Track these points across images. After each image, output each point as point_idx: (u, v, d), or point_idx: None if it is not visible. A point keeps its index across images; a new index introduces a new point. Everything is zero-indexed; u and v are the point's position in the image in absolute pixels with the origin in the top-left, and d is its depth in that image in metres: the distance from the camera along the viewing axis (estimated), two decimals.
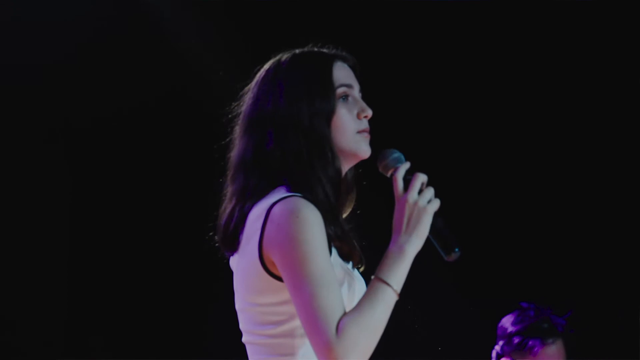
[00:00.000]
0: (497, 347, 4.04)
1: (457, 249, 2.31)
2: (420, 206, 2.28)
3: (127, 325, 5.19)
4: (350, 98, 2.40)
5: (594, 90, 4.97)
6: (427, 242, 2.30)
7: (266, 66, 2.45)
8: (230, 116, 2.48)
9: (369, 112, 2.41)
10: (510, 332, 4.00)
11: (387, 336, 2.28)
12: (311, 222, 2.23)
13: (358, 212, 2.49)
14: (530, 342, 3.96)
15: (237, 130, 2.43)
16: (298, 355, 2.28)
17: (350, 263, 2.38)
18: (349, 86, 2.40)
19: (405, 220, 2.28)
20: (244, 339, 2.39)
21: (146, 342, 5.17)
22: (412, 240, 2.27)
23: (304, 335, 2.27)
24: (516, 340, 3.97)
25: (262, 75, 2.43)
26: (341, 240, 2.32)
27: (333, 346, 2.18)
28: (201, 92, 4.83)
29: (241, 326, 2.39)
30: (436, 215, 2.30)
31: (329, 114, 2.36)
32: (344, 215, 2.48)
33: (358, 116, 2.39)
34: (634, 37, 4.82)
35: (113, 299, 5.17)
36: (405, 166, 2.34)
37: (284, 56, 2.44)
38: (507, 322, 4.04)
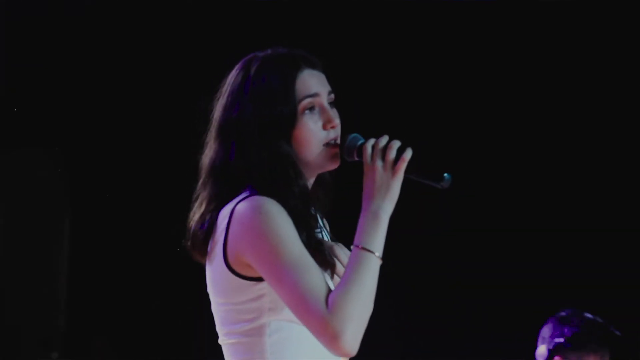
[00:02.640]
0: (546, 346, 4.07)
1: (446, 175, 2.30)
2: (388, 172, 2.29)
3: (128, 326, 5.19)
4: (316, 108, 2.38)
5: (594, 90, 4.97)
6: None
7: (237, 68, 2.43)
8: (206, 109, 2.45)
9: (335, 122, 2.38)
10: (570, 331, 4.04)
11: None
12: (275, 214, 2.25)
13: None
14: (591, 342, 4.02)
15: (210, 133, 2.43)
16: (268, 352, 2.30)
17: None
18: (315, 95, 2.37)
19: (375, 187, 2.29)
20: (219, 340, 2.40)
21: (147, 342, 5.17)
22: (384, 206, 2.28)
23: (274, 332, 2.29)
24: (575, 338, 4.02)
25: (233, 78, 2.41)
26: (314, 250, 2.30)
27: (328, 322, 2.19)
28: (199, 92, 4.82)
29: (217, 328, 2.41)
30: (411, 161, 2.30)
31: (290, 129, 2.34)
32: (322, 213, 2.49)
33: (324, 127, 2.38)
34: (635, 37, 4.83)
35: (113, 299, 5.18)
36: (369, 142, 2.34)
37: (255, 59, 2.41)
38: (559, 325, 4.07)
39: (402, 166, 2.29)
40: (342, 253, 2.38)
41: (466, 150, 4.93)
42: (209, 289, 2.41)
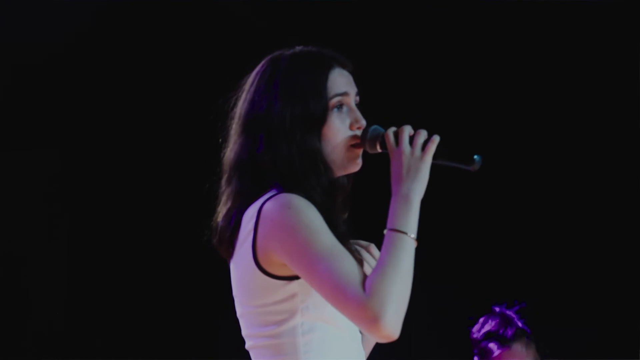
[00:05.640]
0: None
1: (476, 157, 2.29)
2: (417, 155, 2.28)
3: (128, 326, 5.19)
4: (344, 107, 2.37)
5: (594, 91, 4.97)
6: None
7: (264, 64, 2.41)
8: (225, 107, 2.44)
9: (363, 123, 2.38)
10: (475, 338, 4.16)
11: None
12: (303, 207, 2.22)
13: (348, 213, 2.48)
14: (489, 346, 4.10)
15: (234, 128, 2.41)
16: (301, 353, 2.26)
17: None
18: (344, 94, 2.37)
19: (404, 170, 2.27)
20: (247, 346, 2.35)
21: (147, 343, 5.17)
22: (415, 188, 2.25)
23: (307, 332, 2.26)
24: (481, 346, 4.13)
25: (259, 74, 2.40)
26: (343, 244, 2.25)
27: (367, 305, 2.14)
28: (200, 89, 4.83)
29: (243, 332, 2.36)
30: (439, 145, 2.29)
31: (320, 125, 2.33)
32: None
33: (351, 127, 2.37)
34: (634, 38, 4.83)
35: (113, 300, 5.17)
36: (391, 129, 2.33)
37: (283, 56, 2.40)
38: (475, 328, 4.19)
39: (432, 147, 2.28)
40: (369, 256, 2.36)
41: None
42: (236, 292, 2.36)
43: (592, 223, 4.95)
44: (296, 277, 2.26)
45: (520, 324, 4.11)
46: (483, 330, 4.14)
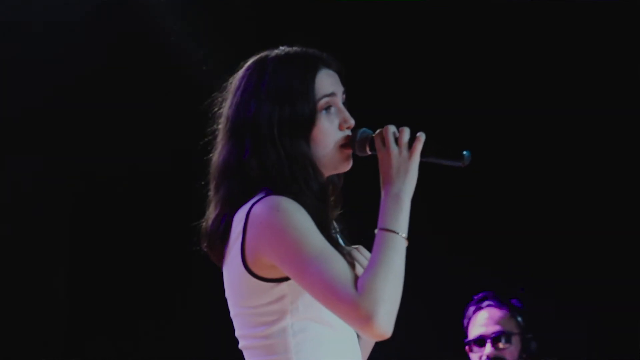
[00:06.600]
0: None
1: (465, 153, 2.31)
2: (405, 155, 2.29)
3: (128, 326, 5.19)
4: (332, 108, 2.38)
5: (594, 91, 4.97)
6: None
7: (250, 66, 2.41)
8: (214, 110, 2.44)
9: (351, 122, 2.39)
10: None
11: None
12: (293, 210, 2.23)
13: (342, 211, 2.48)
14: (468, 308, 4.42)
15: (221, 133, 2.40)
16: (292, 352, 2.27)
17: None
18: (332, 95, 2.38)
19: (393, 171, 2.29)
20: (240, 345, 2.37)
21: (146, 343, 5.17)
22: (405, 188, 2.28)
23: (297, 332, 2.27)
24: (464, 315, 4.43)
25: (245, 77, 2.39)
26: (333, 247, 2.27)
27: (359, 304, 2.16)
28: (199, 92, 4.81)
29: (236, 333, 2.38)
30: (426, 143, 2.31)
31: (309, 128, 2.34)
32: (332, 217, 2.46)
33: (340, 127, 2.38)
34: (634, 37, 4.83)
35: (113, 300, 5.17)
36: (379, 131, 2.35)
37: (269, 58, 2.40)
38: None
39: (419, 146, 2.30)
40: (361, 257, 2.35)
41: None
42: (228, 294, 2.38)
43: (591, 222, 4.95)
44: (285, 279, 2.28)
45: (492, 294, 4.37)
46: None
